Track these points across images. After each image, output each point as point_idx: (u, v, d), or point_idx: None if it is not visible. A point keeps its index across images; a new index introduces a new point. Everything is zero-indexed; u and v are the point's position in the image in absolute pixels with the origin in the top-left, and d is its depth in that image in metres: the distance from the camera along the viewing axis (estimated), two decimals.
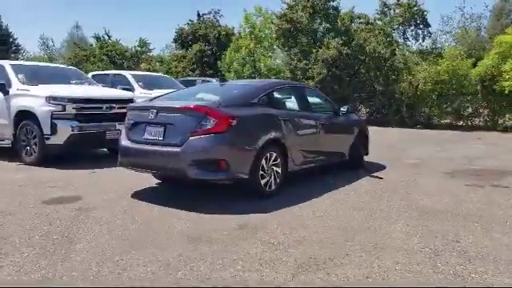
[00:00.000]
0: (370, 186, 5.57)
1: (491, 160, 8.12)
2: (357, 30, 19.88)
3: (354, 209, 4.45)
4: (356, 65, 19.71)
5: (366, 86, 20.17)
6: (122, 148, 4.85)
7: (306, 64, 18.79)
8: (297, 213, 4.27)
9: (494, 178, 6.28)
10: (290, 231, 3.68)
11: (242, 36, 24.15)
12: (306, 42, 19.65)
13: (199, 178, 4.37)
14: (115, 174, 6.29)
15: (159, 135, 4.54)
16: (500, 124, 18.05)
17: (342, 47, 18.41)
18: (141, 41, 30.13)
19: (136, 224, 3.88)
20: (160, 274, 2.80)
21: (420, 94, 18.86)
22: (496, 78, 17.03)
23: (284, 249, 3.25)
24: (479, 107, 18.86)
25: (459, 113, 19.42)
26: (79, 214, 4.18)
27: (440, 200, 4.85)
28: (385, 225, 3.89)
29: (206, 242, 3.38)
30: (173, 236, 3.54)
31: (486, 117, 18.80)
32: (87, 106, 7.24)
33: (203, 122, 4.31)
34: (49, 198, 4.88)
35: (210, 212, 4.23)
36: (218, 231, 3.65)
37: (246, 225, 3.84)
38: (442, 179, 6.17)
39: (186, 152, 4.27)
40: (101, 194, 5.08)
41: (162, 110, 4.58)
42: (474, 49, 22.24)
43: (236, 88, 5.34)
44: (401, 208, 4.50)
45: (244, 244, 3.34)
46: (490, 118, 18.52)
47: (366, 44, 18.89)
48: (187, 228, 3.76)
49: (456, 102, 18.99)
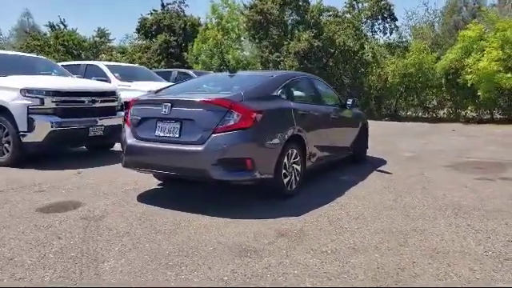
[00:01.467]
0: (385, 183, 5.37)
1: (479, 152, 8.23)
2: (326, 23, 19.88)
3: (385, 208, 4.21)
4: (325, 58, 19.72)
5: (334, 78, 20.24)
6: (128, 147, 4.32)
7: (277, 56, 18.54)
8: (330, 215, 3.96)
9: (496, 170, 6.30)
10: (335, 237, 3.37)
11: (208, 27, 23.47)
12: (277, 33, 19.38)
13: (223, 179, 3.95)
14: (104, 174, 5.76)
15: (175, 132, 4.06)
16: (462, 116, 18.76)
17: (313, 40, 18.33)
18: (99, 31, 28.55)
19: (160, 234, 3.42)
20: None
21: (389, 87, 19.21)
22: (459, 72, 17.63)
23: (343, 259, 2.93)
24: (443, 100, 19.51)
25: (424, 105, 20.04)
26: (88, 224, 3.64)
27: (463, 196, 4.72)
28: (427, 225, 3.68)
29: (254, 255, 2.99)
30: (210, 247, 3.13)
31: (449, 109, 19.50)
32: (68, 100, 6.54)
33: (227, 117, 3.88)
34: (42, 204, 4.27)
35: (233, 216, 3.83)
36: (258, 240, 3.28)
37: (284, 231, 3.48)
38: (449, 173, 6.10)
39: (208, 151, 3.83)
40: (99, 198, 4.53)
41: (178, 103, 4.09)
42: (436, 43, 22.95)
43: (252, 80, 4.92)
44: (430, 206, 4.32)
45: (297, 255, 2.99)
46: (453, 110, 19.22)
47: (336, 37, 18.94)
48: (221, 237, 3.35)
49: (422, 95, 19.56)
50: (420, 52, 18.81)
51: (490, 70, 16.14)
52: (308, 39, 18.06)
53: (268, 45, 19.11)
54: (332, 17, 20.22)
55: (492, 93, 16.65)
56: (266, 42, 19.53)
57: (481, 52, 17.05)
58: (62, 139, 6.46)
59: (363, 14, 19.89)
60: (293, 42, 18.26)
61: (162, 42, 24.90)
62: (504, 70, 16.26)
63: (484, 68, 16.23)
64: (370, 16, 19.69)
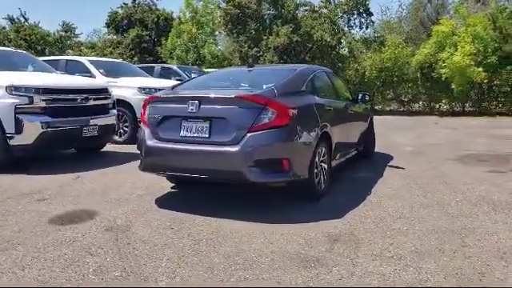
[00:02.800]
0: (404, 179, 5.26)
1: (473, 144, 8.33)
2: (303, 18, 19.80)
3: (420, 206, 4.06)
4: (303, 53, 19.66)
5: None
6: (149, 149, 3.95)
7: (257, 51, 18.27)
8: (371, 215, 3.77)
9: (501, 162, 6.33)
10: (391, 239, 3.18)
11: (182, 21, 22.83)
12: (255, 28, 19.10)
13: (260, 181, 3.67)
14: (106, 178, 5.37)
15: (204, 132, 3.73)
16: (437, 109, 19.25)
17: (291, 35, 18.19)
18: (65, 25, 27.18)
19: (203, 244, 3.11)
20: None
21: (366, 82, 19.39)
22: (433, 66, 18.04)
23: (414, 264, 2.73)
24: (418, 93, 19.93)
25: (400, 99, 20.41)
26: (117, 237, 3.27)
27: (488, 190, 4.66)
28: (474, 223, 3.55)
29: (319, 265, 2.75)
30: (267, 258, 2.85)
31: (424, 102, 19.96)
32: (59, 98, 6.02)
33: (263, 114, 3.60)
34: (52, 215, 3.85)
35: (270, 221, 3.57)
36: (313, 247, 3.04)
37: (335, 236, 3.26)
38: (458, 166, 6.08)
39: (245, 151, 3.53)
40: (114, 205, 4.15)
41: (207, 101, 3.77)
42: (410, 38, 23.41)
43: (276, 74, 4.64)
44: (463, 201, 4.21)
45: (364, 263, 2.77)
46: (428, 104, 19.68)
47: (313, 32, 18.89)
48: (272, 245, 3.08)
49: (398, 89, 19.90)
50: (396, 47, 19.09)
51: (463, 64, 16.59)
52: (287, 34, 17.90)
53: (246, 39, 18.80)
54: (309, 11, 20.14)
55: (464, 86, 17.14)
56: (244, 36, 19.22)
57: (454, 47, 17.49)
58: (53, 141, 5.95)
59: (339, 8, 19.94)
60: (272, 37, 18.05)
61: (134, 36, 24.00)
62: (475, 64, 16.76)
63: (457, 62, 16.66)
64: (346, 11, 19.77)
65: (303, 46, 18.95)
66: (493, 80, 17.39)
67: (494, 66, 17.12)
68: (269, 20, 19.64)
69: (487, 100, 18.24)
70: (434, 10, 36.28)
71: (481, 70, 16.65)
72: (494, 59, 17.10)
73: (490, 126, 12.40)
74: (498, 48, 17.24)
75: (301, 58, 19.51)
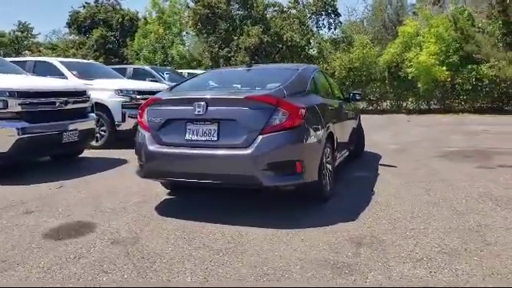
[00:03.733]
0: (401, 177, 5.26)
1: (451, 141, 8.54)
2: (272, 18, 19.81)
3: (428, 204, 4.05)
4: (273, 53, 19.67)
5: None
6: (150, 155, 3.71)
7: (228, 52, 18.08)
8: (384, 216, 3.71)
9: (484, 158, 6.50)
10: (414, 240, 3.12)
11: (149, 21, 22.25)
12: (225, 28, 18.90)
13: (273, 184, 3.53)
14: (92, 185, 5.08)
15: (211, 135, 3.54)
16: (404, 107, 19.80)
17: (262, 35, 18.15)
18: (21, 25, 25.79)
19: (223, 254, 2.93)
20: None
21: (336, 82, 19.62)
22: (400, 65, 18.57)
23: (447, 266, 2.68)
24: (385, 92, 20.41)
25: (369, 97, 20.83)
26: (127, 250, 3.03)
27: (486, 186, 4.72)
28: (486, 220, 3.55)
29: (352, 270, 2.64)
30: (297, 266, 2.72)
31: (391, 101, 20.47)
32: (37, 102, 5.61)
33: (274, 115, 3.45)
34: (45, 229, 3.54)
35: (286, 226, 3.43)
36: (339, 252, 2.93)
37: (357, 239, 3.16)
38: (447, 163, 6.18)
39: (258, 154, 3.37)
40: (111, 215, 3.88)
41: (215, 102, 3.57)
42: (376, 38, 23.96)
43: (279, 74, 4.49)
44: (467, 198, 4.23)
45: (396, 266, 2.68)
46: (395, 102, 20.20)
47: (283, 32, 18.95)
48: (296, 252, 2.94)
49: (367, 88, 20.29)
50: (364, 47, 19.48)
51: (429, 63, 17.17)
52: (257, 34, 17.83)
53: (217, 40, 18.57)
54: (277, 12, 20.18)
55: (430, 85, 17.73)
56: (214, 36, 18.98)
57: (419, 47, 18.07)
58: (31, 148, 5.54)
59: (308, 9, 20.10)
60: (242, 37, 17.92)
61: (99, 37, 23.11)
62: (439, 63, 17.38)
63: (423, 62, 17.22)
64: (314, 11, 19.95)
65: (274, 47, 18.93)
66: (455, 78, 18.05)
67: (455, 66, 17.81)
68: (238, 20, 19.49)
69: (451, 98, 18.91)
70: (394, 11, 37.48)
71: (445, 69, 17.30)
72: (455, 59, 17.79)
73: (458, 122, 12.84)
74: (460, 48, 17.96)
75: (271, 59, 19.51)
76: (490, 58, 17.01)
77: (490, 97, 18.19)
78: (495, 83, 17.57)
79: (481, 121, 13.18)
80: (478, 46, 17.13)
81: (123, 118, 7.96)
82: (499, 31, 17.19)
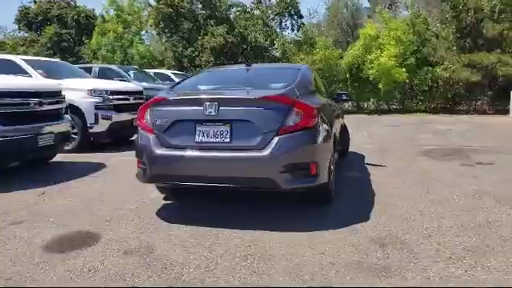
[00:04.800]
0: (394, 177, 5.33)
1: (425, 140, 8.84)
2: (236, 19, 19.71)
3: (432, 203, 4.10)
4: (238, 54, 19.57)
5: None
6: (157, 158, 3.48)
7: (192, 51, 17.75)
8: (394, 215, 3.72)
9: (461, 156, 6.77)
10: (434, 239, 3.13)
11: (107, 19, 21.39)
12: (189, 28, 18.55)
13: (290, 187, 3.41)
14: (76, 192, 4.84)
15: (224, 136, 3.38)
16: (365, 108, 20.40)
17: (227, 35, 18.00)
18: None
19: (252, 261, 2.79)
20: None
21: None
22: (361, 67, 19.11)
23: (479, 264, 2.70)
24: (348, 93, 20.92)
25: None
26: (145, 261, 2.82)
27: (475, 183, 4.88)
28: (492, 216, 3.66)
29: (390, 272, 2.60)
30: (333, 271, 2.64)
31: (353, 102, 21.01)
32: (9, 102, 5.16)
33: (290, 115, 3.36)
34: (42, 240, 3.25)
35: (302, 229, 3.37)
36: (367, 254, 2.89)
37: (381, 241, 3.14)
38: (432, 162, 6.36)
39: (275, 156, 3.26)
40: (110, 223, 3.64)
41: (227, 102, 3.42)
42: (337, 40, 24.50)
43: (283, 73, 4.40)
44: (464, 195, 4.35)
45: (430, 266, 2.68)
46: (357, 103, 20.76)
47: (247, 33, 18.91)
48: (326, 256, 2.87)
49: (329, 89, 20.69)
50: (326, 48, 19.85)
51: (389, 65, 17.78)
52: (222, 34, 17.64)
53: (180, 39, 18.18)
54: (241, 12, 20.10)
55: (390, 86, 18.37)
56: (177, 36, 18.56)
57: (380, 49, 18.67)
58: (5, 152, 5.10)
59: (271, 10, 20.17)
60: (207, 37, 17.66)
61: (53, 34, 21.87)
62: (399, 65, 18.06)
63: (383, 63, 17.81)
64: (278, 13, 20.05)
65: (238, 47, 18.82)
66: (413, 80, 18.82)
67: (412, 68, 18.58)
68: (202, 20, 19.20)
69: (409, 98, 19.70)
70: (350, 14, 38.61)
71: (404, 71, 17.99)
72: (412, 61, 18.57)
73: (420, 122, 13.36)
74: (417, 51, 18.76)
75: (236, 59, 19.39)
76: (444, 61, 17.89)
77: (444, 98, 19.14)
78: (449, 85, 18.53)
79: (440, 120, 13.81)
80: (434, 49, 17.96)
81: (96, 120, 7.55)
82: (453, 35, 18.12)
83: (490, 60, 16.28)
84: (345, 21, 36.40)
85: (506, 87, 16.24)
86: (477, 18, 16.97)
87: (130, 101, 8.25)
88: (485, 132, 10.44)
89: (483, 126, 11.92)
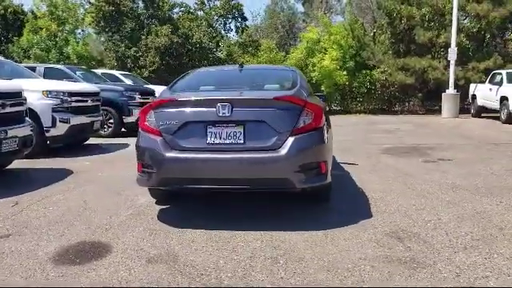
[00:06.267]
0: (370, 174, 5.59)
1: (377, 139, 9.36)
2: (179, 19, 19.38)
3: (420, 197, 4.36)
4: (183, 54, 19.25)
5: None
6: (168, 161, 3.33)
7: (136, 51, 17.12)
8: (392, 210, 3.91)
9: (419, 153, 7.27)
10: (443, 230, 3.34)
11: (38, 16, 19.89)
12: (132, 27, 17.87)
13: (305, 186, 3.44)
14: (55, 200, 4.50)
15: (237, 137, 3.34)
16: None
17: (172, 35, 17.63)
18: None
19: (283, 262, 2.79)
20: None
21: None
22: (304, 70, 19.71)
23: (497, 253, 2.95)
24: None
25: None
26: (174, 269, 2.71)
27: (446, 177, 5.28)
28: (479, 207, 3.98)
29: (421, 264, 2.73)
30: (368, 266, 2.72)
31: None
32: None
33: (302, 116, 3.40)
34: (47, 253, 2.98)
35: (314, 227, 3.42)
36: (391, 248, 3.01)
37: (394, 234, 3.29)
38: (396, 159, 6.75)
39: (291, 156, 3.28)
40: (114, 231, 3.45)
41: (241, 103, 3.37)
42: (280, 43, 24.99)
43: (280, 75, 4.41)
44: (445, 190, 4.65)
45: (454, 256, 2.86)
46: None
47: (192, 34, 18.68)
48: (355, 252, 2.94)
49: None
50: (270, 51, 20.23)
51: (331, 68, 18.56)
52: (167, 34, 17.24)
53: (122, 39, 17.43)
54: (184, 13, 19.80)
55: (332, 88, 19.16)
56: (118, 35, 17.79)
57: (322, 52, 19.42)
58: None
59: (215, 11, 20.11)
60: (151, 37, 17.14)
61: None
62: (340, 68, 18.92)
63: (326, 66, 18.55)
64: (222, 14, 20.02)
65: (183, 48, 18.50)
66: (352, 82, 19.79)
67: (352, 71, 19.57)
68: (145, 19, 18.60)
69: (349, 100, 20.67)
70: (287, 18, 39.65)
71: (344, 74, 18.87)
72: (351, 64, 19.56)
73: (366, 122, 14.09)
74: (355, 54, 19.77)
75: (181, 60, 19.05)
76: (381, 65, 19.04)
77: (381, 99, 20.38)
78: (385, 87, 19.77)
79: (382, 120, 14.68)
80: (373, 53, 19.05)
81: (53, 123, 7.03)
82: (388, 41, 19.35)
83: (421, 64, 17.60)
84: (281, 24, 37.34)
85: (436, 90, 17.69)
86: (409, 25, 18.26)
87: (88, 103, 7.80)
88: (427, 131, 11.28)
89: (423, 125, 12.88)
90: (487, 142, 8.76)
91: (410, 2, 18.12)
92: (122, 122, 9.86)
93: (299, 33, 23.52)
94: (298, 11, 41.07)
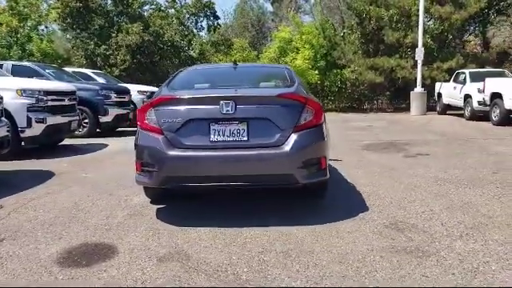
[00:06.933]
0: (356, 169, 5.73)
1: (355, 136, 9.58)
2: (150, 17, 19.07)
3: (411, 190, 4.53)
4: (155, 52, 18.95)
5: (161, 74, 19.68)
6: (171, 159, 3.29)
7: (106, 49, 16.69)
8: (386, 203, 4.04)
9: (398, 149, 7.51)
10: (437, 221, 3.49)
11: None
12: (101, 24, 17.40)
13: (307, 182, 3.49)
14: (43, 203, 4.37)
15: (241, 135, 3.35)
16: None
17: (143, 33, 17.32)
18: None
19: (296, 255, 2.84)
20: None
21: None
22: None
23: (498, 241, 3.12)
24: None
25: None
26: (191, 267, 2.70)
27: (429, 171, 5.49)
28: (467, 198, 4.18)
29: (426, 253, 2.85)
30: (377, 256, 2.81)
31: None
32: None
33: (304, 113, 3.46)
34: (49, 256, 2.89)
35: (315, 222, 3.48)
36: (395, 239, 3.12)
37: (394, 226, 3.40)
38: (377, 155, 6.96)
39: (295, 152, 3.32)
40: (115, 232, 3.39)
41: (244, 100, 3.37)
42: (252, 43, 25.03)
43: (277, 72, 4.44)
44: (430, 183, 4.86)
45: (453, 243, 3.00)
46: None
47: (163, 32, 18.44)
48: (362, 243, 3.03)
49: None
50: (243, 50, 20.26)
51: (304, 67, 18.82)
52: (138, 32, 16.92)
53: (92, 36, 16.95)
54: (155, 10, 19.49)
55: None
56: (86, 33, 17.29)
57: (295, 52, 19.66)
58: None
59: (186, 9, 19.92)
60: (121, 35, 16.77)
61: None
62: (311, 67, 19.22)
63: (299, 66, 18.77)
64: (193, 13, 19.86)
65: (155, 46, 18.21)
66: (324, 81, 20.15)
67: (323, 70, 19.93)
68: (115, 16, 18.16)
69: (320, 98, 21.01)
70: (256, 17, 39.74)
71: (316, 73, 19.18)
72: (323, 64, 19.91)
73: (339, 120, 14.37)
74: (326, 54, 20.13)
75: (152, 58, 18.74)
76: (351, 64, 19.49)
77: (351, 97, 20.89)
78: (355, 86, 20.28)
79: (355, 118, 15.04)
80: (343, 52, 19.46)
81: (29, 124, 6.77)
82: (358, 41, 19.82)
83: (390, 64, 18.17)
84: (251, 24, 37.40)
85: (404, 88, 18.30)
86: (378, 26, 18.79)
87: (64, 102, 7.55)
88: (400, 128, 11.65)
89: (395, 122, 13.30)
90: (456, 137, 9.16)
91: (379, 3, 18.63)
92: (98, 121, 9.60)
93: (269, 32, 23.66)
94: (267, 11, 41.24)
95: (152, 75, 18.11)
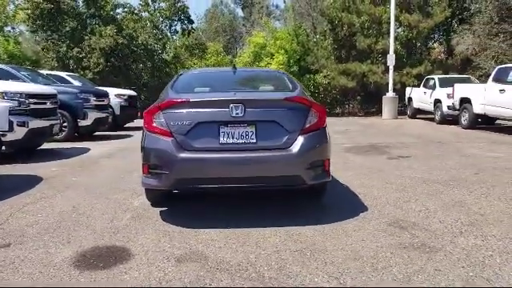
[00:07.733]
0: (345, 171, 5.91)
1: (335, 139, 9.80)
2: (123, 20, 18.80)
3: (401, 191, 4.73)
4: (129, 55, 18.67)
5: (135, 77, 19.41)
6: (182, 162, 3.32)
7: (79, 52, 16.30)
8: (382, 202, 4.21)
9: (380, 152, 7.78)
10: (436, 219, 3.68)
11: None
12: (73, 27, 16.98)
13: (314, 183, 3.60)
14: (40, 207, 4.26)
15: (250, 137, 3.42)
16: None
17: (117, 36, 17.05)
18: None
19: (311, 253, 2.93)
20: None
21: None
22: None
23: (497, 235, 3.32)
24: None
25: None
26: (212, 267, 2.74)
27: (416, 172, 5.73)
28: (460, 197, 4.43)
29: (432, 249, 3.01)
30: (388, 253, 2.95)
31: None
32: None
33: (309, 116, 3.58)
34: (63, 261, 2.86)
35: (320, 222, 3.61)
36: (400, 236, 3.27)
37: (397, 224, 3.56)
38: (362, 157, 7.18)
39: (302, 154, 3.43)
40: (124, 234, 3.38)
41: (253, 103, 3.45)
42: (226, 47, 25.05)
43: (277, 77, 4.53)
44: (420, 183, 5.09)
45: (455, 239, 3.19)
46: None
47: (137, 35, 18.23)
48: (370, 241, 3.16)
49: None
50: (218, 54, 20.30)
51: None
52: (112, 35, 16.64)
53: (63, 38, 16.51)
54: (128, 13, 19.23)
55: None
56: (57, 34, 16.84)
57: (268, 57, 19.89)
58: None
59: (160, 13, 19.77)
60: (95, 38, 16.43)
61: None
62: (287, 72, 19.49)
63: None
64: (167, 16, 19.74)
65: (128, 49, 17.94)
66: None
67: (296, 75, 20.25)
68: (87, 19, 17.77)
69: None
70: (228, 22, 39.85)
71: None
72: (296, 69, 20.26)
73: None
74: (300, 59, 20.49)
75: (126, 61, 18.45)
76: (324, 69, 19.91)
77: (324, 102, 21.27)
78: (328, 90, 20.71)
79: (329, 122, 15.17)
80: (316, 58, 19.85)
81: (10, 127, 6.54)
82: (330, 46, 20.29)
83: (362, 69, 18.70)
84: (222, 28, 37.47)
85: (375, 93, 18.88)
86: (350, 32, 19.31)
87: (46, 105, 7.36)
88: (375, 131, 12.02)
89: (369, 126, 13.69)
90: (431, 140, 9.55)
91: (351, 10, 19.16)
92: (77, 125, 9.38)
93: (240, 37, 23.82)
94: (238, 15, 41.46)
95: (124, 78, 17.82)
